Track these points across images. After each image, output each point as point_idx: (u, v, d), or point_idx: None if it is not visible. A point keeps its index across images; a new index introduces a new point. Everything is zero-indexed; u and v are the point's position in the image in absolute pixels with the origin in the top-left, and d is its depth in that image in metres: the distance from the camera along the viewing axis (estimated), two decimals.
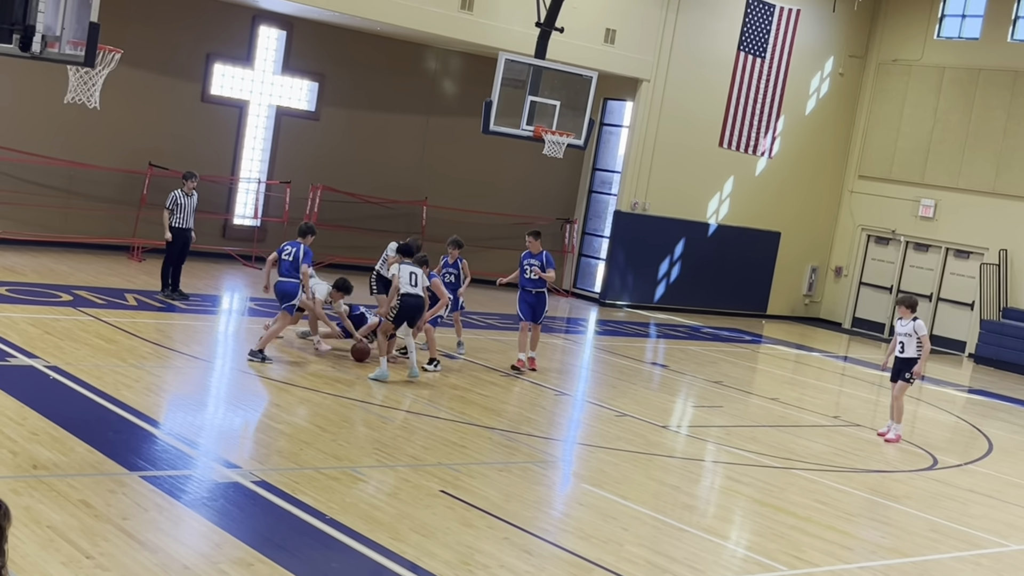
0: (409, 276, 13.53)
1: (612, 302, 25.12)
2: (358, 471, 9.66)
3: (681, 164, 25.23)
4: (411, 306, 13.51)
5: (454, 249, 15.68)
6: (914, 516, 10.99)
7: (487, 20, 21.69)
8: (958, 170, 26.16)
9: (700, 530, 9.47)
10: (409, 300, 13.48)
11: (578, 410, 14.10)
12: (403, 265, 13.70)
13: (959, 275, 26.31)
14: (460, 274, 15.73)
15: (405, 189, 24.36)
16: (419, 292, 13.48)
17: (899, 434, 14.52)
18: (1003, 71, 25.57)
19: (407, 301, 13.47)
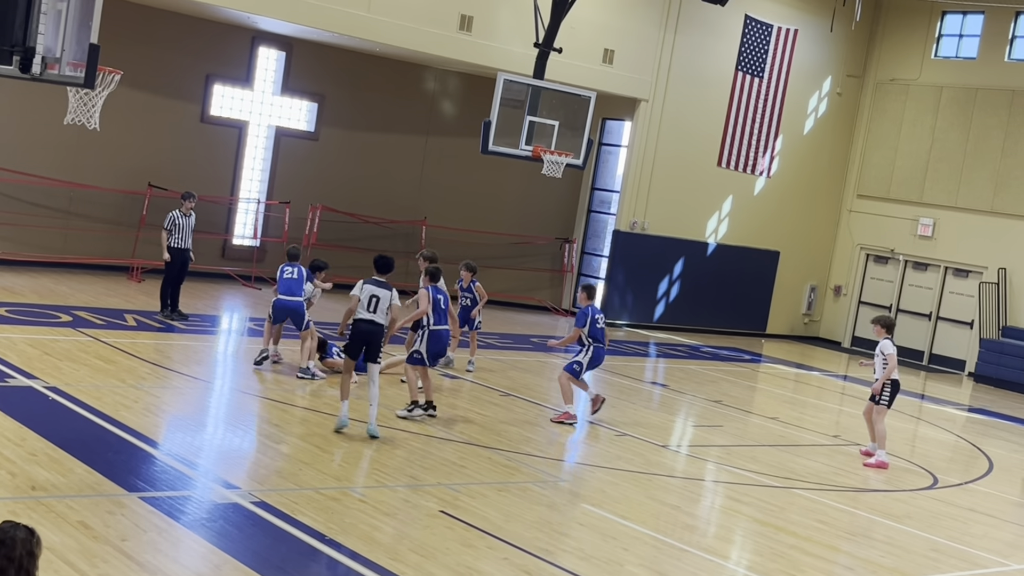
0: (369, 299, 11.60)
1: (612, 321, 25.08)
2: (357, 491, 9.64)
3: (680, 183, 25.26)
4: (363, 332, 11.59)
5: (467, 272, 15.74)
6: (915, 536, 10.95)
7: (486, 41, 21.76)
8: (956, 189, 26.21)
9: (701, 550, 9.44)
10: (361, 326, 11.59)
11: (578, 430, 14.06)
12: (367, 284, 11.70)
13: (958, 294, 26.32)
14: (475, 297, 15.88)
15: (404, 209, 24.39)
16: (375, 319, 11.54)
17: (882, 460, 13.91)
18: (1000, 90, 25.64)
19: (358, 327, 11.60)
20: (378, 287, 11.64)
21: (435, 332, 12.60)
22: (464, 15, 21.47)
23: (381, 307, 11.57)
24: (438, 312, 12.65)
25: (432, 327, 12.58)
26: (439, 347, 12.70)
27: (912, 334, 26.95)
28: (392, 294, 11.66)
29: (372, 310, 11.55)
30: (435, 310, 12.59)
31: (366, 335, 11.56)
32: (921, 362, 26.60)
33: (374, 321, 11.54)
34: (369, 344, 11.58)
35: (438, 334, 12.66)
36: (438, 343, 12.67)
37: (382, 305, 11.57)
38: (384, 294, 11.60)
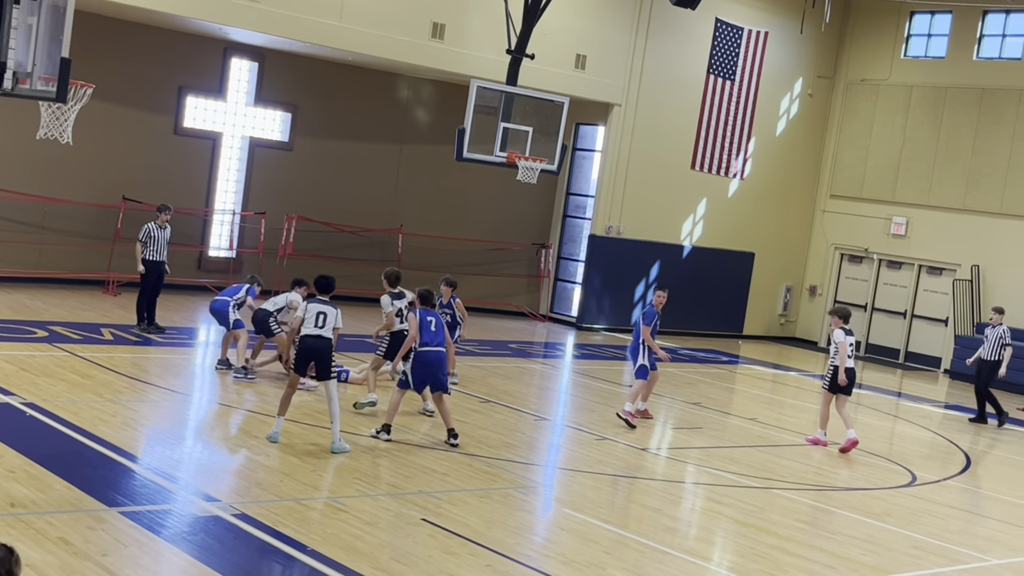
0: (316, 316, 11.44)
1: (589, 326, 25.17)
2: (339, 501, 9.62)
3: (654, 187, 25.36)
4: (310, 347, 11.42)
5: (447, 288, 15.26)
6: (895, 533, 11.02)
7: (458, 48, 21.79)
8: (928, 187, 26.41)
9: (683, 552, 9.48)
10: (308, 341, 11.43)
11: (558, 435, 14.09)
12: (312, 303, 11.60)
13: (932, 292, 26.52)
14: (455, 313, 15.26)
15: (380, 217, 24.38)
16: (323, 333, 11.39)
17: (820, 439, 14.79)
18: (970, 89, 25.86)
19: (305, 342, 11.45)
20: (324, 305, 11.53)
21: (420, 354, 12.15)
22: (436, 23, 21.50)
23: (329, 323, 11.43)
24: (427, 334, 12.22)
25: (418, 349, 12.18)
26: (426, 371, 12.20)
27: (887, 332, 27.13)
28: (338, 313, 11.51)
29: (320, 325, 11.39)
30: (424, 332, 12.21)
31: (314, 351, 11.40)
32: (897, 360, 26.77)
33: (321, 336, 11.37)
34: (318, 360, 11.42)
35: (424, 357, 12.17)
36: (425, 367, 12.19)
37: (329, 321, 11.44)
38: (331, 311, 11.47)
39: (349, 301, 23.00)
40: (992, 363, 18.64)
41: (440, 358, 12.23)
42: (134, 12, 19.31)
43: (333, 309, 11.52)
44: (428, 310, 12.37)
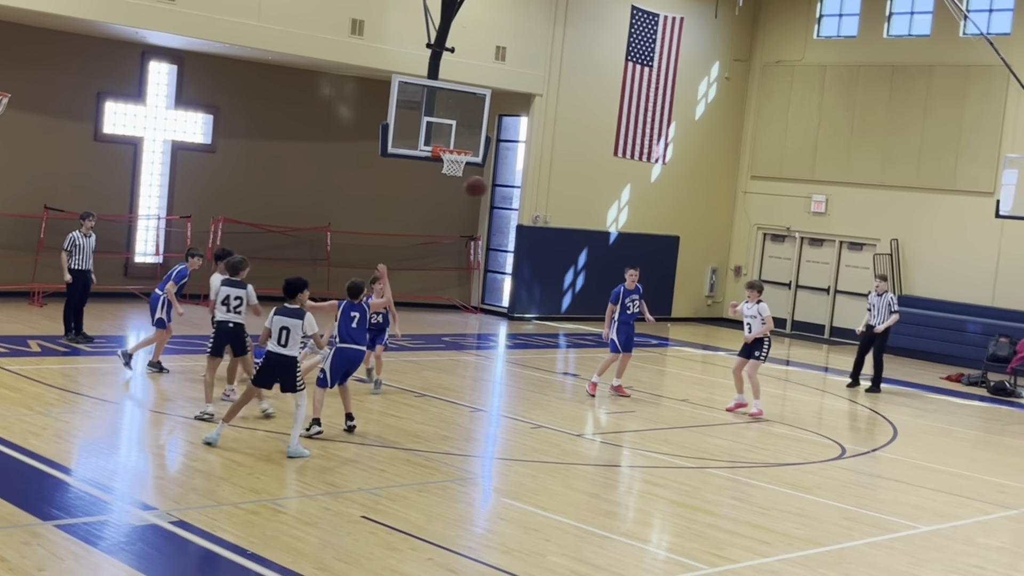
0: (280, 332, 11.11)
1: (520, 315, 25.32)
2: (277, 503, 9.64)
3: (579, 175, 25.56)
4: (272, 363, 11.23)
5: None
6: (827, 506, 11.28)
7: (378, 44, 21.77)
8: (846, 165, 26.93)
9: (621, 535, 9.63)
10: (270, 357, 11.23)
11: (494, 425, 14.20)
12: (276, 315, 11.24)
13: (854, 267, 27.05)
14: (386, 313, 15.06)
15: (308, 216, 24.29)
16: (285, 352, 11.08)
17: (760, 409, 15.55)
18: (881, 66, 26.39)
19: (268, 357, 11.24)
20: (287, 316, 11.13)
21: (340, 350, 12.15)
22: (355, 19, 21.46)
23: (292, 338, 11.05)
24: (347, 330, 12.19)
25: (339, 344, 12.18)
26: (346, 366, 12.21)
27: (812, 309, 27.63)
28: (302, 322, 11.11)
29: (283, 343, 11.08)
30: (345, 328, 12.19)
31: (276, 367, 11.17)
32: (822, 335, 27.28)
33: (282, 354, 11.09)
34: (282, 378, 11.18)
35: (343, 352, 12.17)
36: (344, 362, 12.18)
37: (293, 335, 11.06)
38: (294, 324, 11.07)
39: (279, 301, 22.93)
40: (882, 330, 19.18)
41: (360, 357, 12.38)
42: (48, 19, 19.04)
43: (297, 320, 11.09)
44: (354, 304, 12.26)
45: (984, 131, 24.82)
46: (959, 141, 25.19)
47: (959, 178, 25.19)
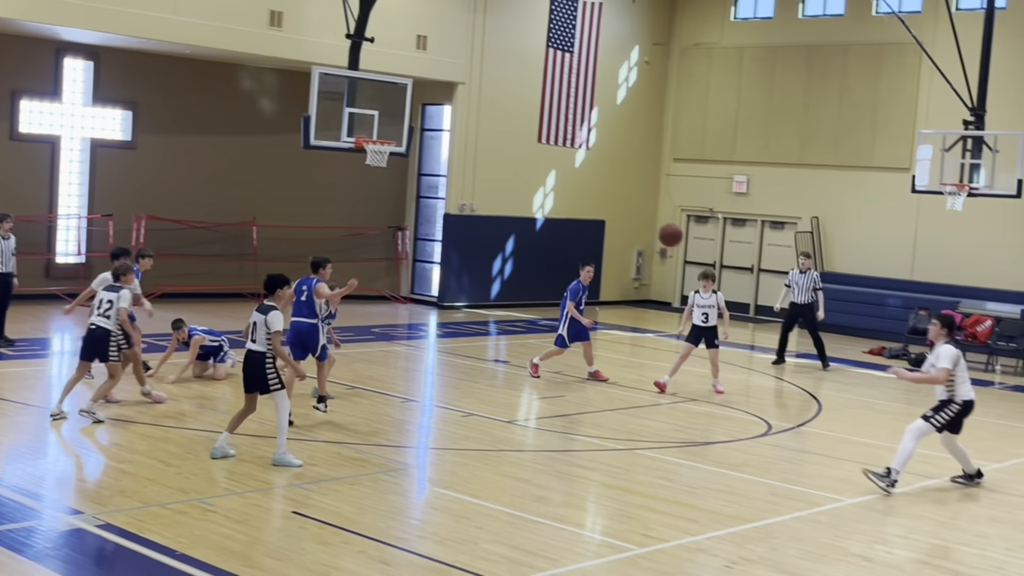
0: (251, 326, 10.91)
1: (450, 304, 25.36)
2: (206, 502, 9.59)
3: (503, 162, 25.63)
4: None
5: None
6: (754, 482, 11.48)
7: (297, 35, 21.62)
8: (765, 145, 27.30)
9: (553, 520, 9.71)
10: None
11: (425, 415, 14.24)
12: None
13: (776, 245, 27.46)
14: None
15: (232, 211, 24.07)
16: (254, 347, 10.83)
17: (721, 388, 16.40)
18: (797, 47, 26.78)
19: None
20: (257, 311, 10.85)
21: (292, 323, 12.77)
22: (273, 11, 21.30)
23: (257, 333, 10.80)
24: (297, 304, 12.73)
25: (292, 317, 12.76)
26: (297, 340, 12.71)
27: (737, 288, 28.00)
28: (267, 317, 10.74)
29: (252, 339, 10.86)
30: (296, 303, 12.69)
31: (246, 365, 10.94)
32: (748, 314, 27.66)
33: (251, 350, 10.83)
34: (249, 376, 10.89)
35: (294, 327, 12.76)
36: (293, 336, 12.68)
37: (258, 331, 10.79)
38: (259, 319, 10.77)
39: (206, 298, 22.76)
40: (805, 307, 19.53)
41: (307, 328, 12.76)
42: None
43: (261, 315, 10.78)
44: (306, 279, 12.86)
45: (899, 108, 25.30)
46: (875, 119, 25.66)
47: (876, 155, 25.67)
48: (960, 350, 11.59)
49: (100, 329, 12.14)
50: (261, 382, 10.80)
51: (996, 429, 15.65)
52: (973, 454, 13.35)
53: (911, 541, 9.78)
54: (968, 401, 11.48)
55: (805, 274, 19.67)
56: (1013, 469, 12.90)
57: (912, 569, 9.03)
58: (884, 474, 11.31)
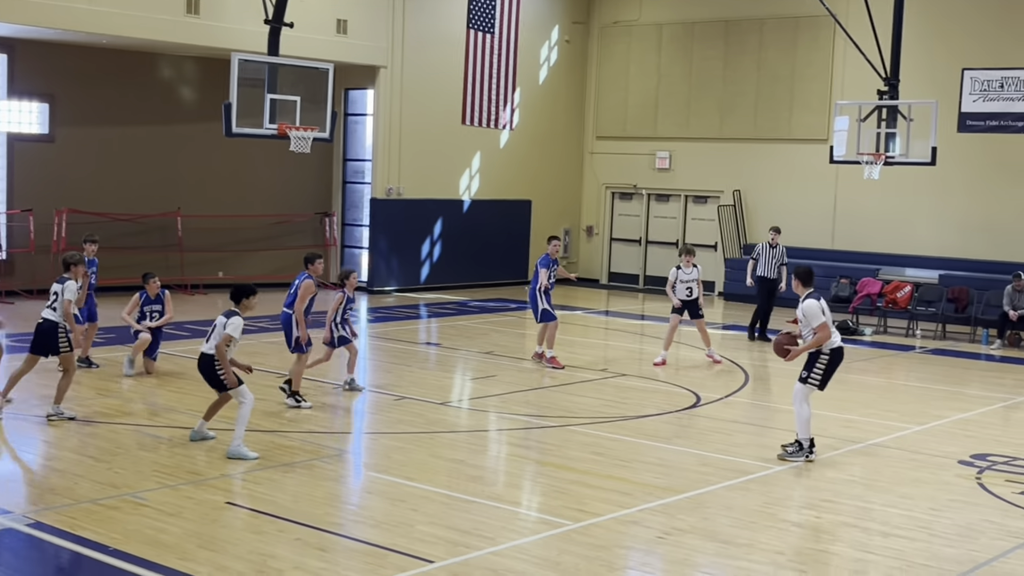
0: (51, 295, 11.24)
1: (380, 289, 25.32)
2: (138, 496, 9.53)
3: (428, 145, 25.61)
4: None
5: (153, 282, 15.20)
6: (685, 453, 11.67)
7: (215, 22, 21.39)
8: (686, 120, 27.58)
9: (488, 499, 9.80)
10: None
11: (359, 400, 14.23)
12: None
13: (700, 219, 27.80)
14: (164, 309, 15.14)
15: (156, 202, 23.78)
16: (204, 349, 11.01)
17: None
18: (715, 22, 27.07)
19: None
20: (222, 316, 10.98)
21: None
22: None
23: (214, 335, 10.91)
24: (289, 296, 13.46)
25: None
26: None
27: (663, 263, 28.27)
28: (228, 321, 10.86)
29: (207, 339, 11.04)
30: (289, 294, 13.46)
31: (199, 366, 11.09)
32: None
33: (203, 352, 10.98)
34: (207, 378, 11.03)
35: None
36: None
37: (215, 333, 10.91)
38: (220, 321, 10.92)
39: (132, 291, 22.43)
40: (773, 281, 19.70)
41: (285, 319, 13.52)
42: None
43: (222, 318, 10.89)
44: (301, 272, 13.43)
45: (815, 80, 25.69)
46: (792, 91, 26.03)
47: (794, 127, 26.06)
48: (821, 299, 11.55)
49: (47, 322, 11.91)
50: (217, 382, 10.97)
51: (917, 392, 16.07)
52: (895, 417, 13.74)
53: (838, 504, 10.01)
54: (836, 349, 11.49)
55: (775, 248, 19.73)
56: (934, 430, 13.25)
57: (840, 532, 9.26)
58: (796, 448, 11.51)
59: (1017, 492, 10.57)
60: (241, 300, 11.05)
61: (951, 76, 22.92)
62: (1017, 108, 22.14)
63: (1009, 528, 9.46)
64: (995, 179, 23.68)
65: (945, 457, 11.88)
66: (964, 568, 8.41)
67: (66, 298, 11.91)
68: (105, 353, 15.82)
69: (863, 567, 8.43)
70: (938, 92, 22.03)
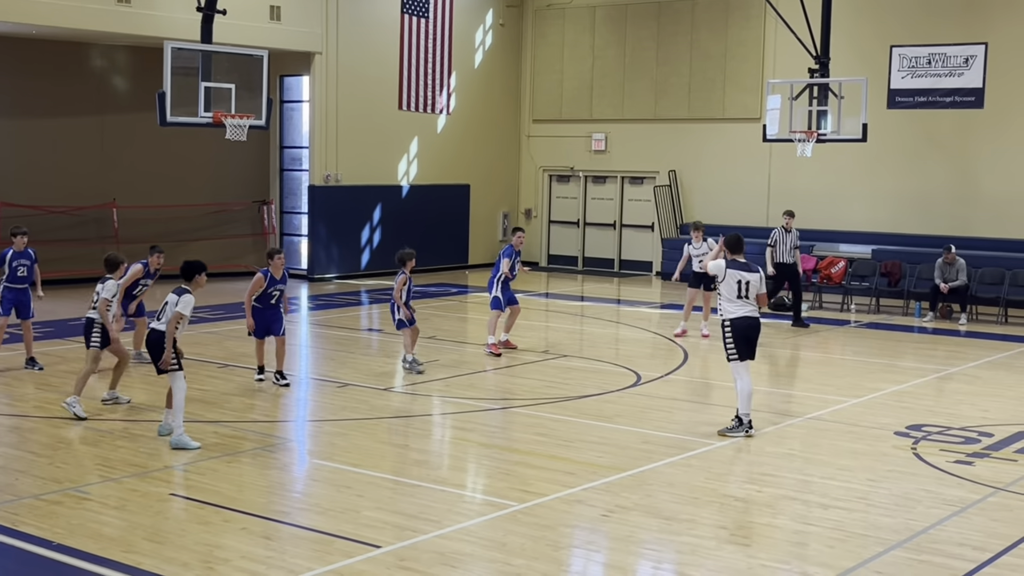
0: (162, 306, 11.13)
1: (321, 276, 25.23)
2: (81, 490, 9.47)
3: (366, 131, 25.53)
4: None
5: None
6: (626, 432, 11.81)
7: (147, 10, 21.15)
8: (621, 102, 27.74)
9: (433, 483, 9.86)
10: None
11: (302, 389, 14.21)
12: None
13: (637, 200, 28.00)
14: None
15: (91, 194, 23.49)
16: (156, 326, 10.99)
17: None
18: (648, 3, 27.23)
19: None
20: (172, 293, 11.01)
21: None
22: None
23: (165, 312, 10.92)
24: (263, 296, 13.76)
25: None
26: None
27: (601, 244, 28.52)
28: (180, 299, 10.88)
29: (159, 316, 11.02)
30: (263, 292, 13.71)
31: (147, 342, 11.13)
32: (613, 269, 28.19)
33: (154, 328, 11.00)
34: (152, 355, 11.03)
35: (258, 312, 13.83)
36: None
37: (167, 310, 10.91)
38: (172, 299, 10.92)
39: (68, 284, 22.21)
40: (789, 266, 19.49)
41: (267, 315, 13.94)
42: None
43: (175, 296, 10.94)
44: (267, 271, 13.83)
45: (747, 60, 25.96)
46: (725, 71, 26.28)
47: (728, 107, 26.32)
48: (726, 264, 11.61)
49: (86, 319, 12.32)
50: (155, 359, 10.96)
51: (852, 366, 16.37)
52: (831, 391, 14.01)
53: (779, 478, 10.19)
54: (736, 319, 11.55)
55: (790, 233, 19.51)
56: (870, 403, 13.51)
57: (781, 505, 9.43)
58: (736, 424, 11.70)
59: (952, 461, 10.84)
60: (193, 277, 11.09)
61: (880, 53, 23.28)
62: (944, 84, 22.57)
63: (944, 496, 9.70)
64: (925, 154, 24.11)
65: (881, 429, 12.13)
66: (902, 537, 8.62)
67: (103, 296, 12.12)
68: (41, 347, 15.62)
69: (804, 539, 8.61)
70: (867, 69, 22.36)
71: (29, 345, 14.59)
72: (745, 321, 11.56)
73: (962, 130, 23.54)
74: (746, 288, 11.56)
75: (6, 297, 14.37)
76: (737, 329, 11.53)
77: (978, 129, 23.34)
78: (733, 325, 11.54)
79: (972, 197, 23.66)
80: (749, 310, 11.58)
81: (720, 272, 11.60)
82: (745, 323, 11.56)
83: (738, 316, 11.54)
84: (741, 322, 11.54)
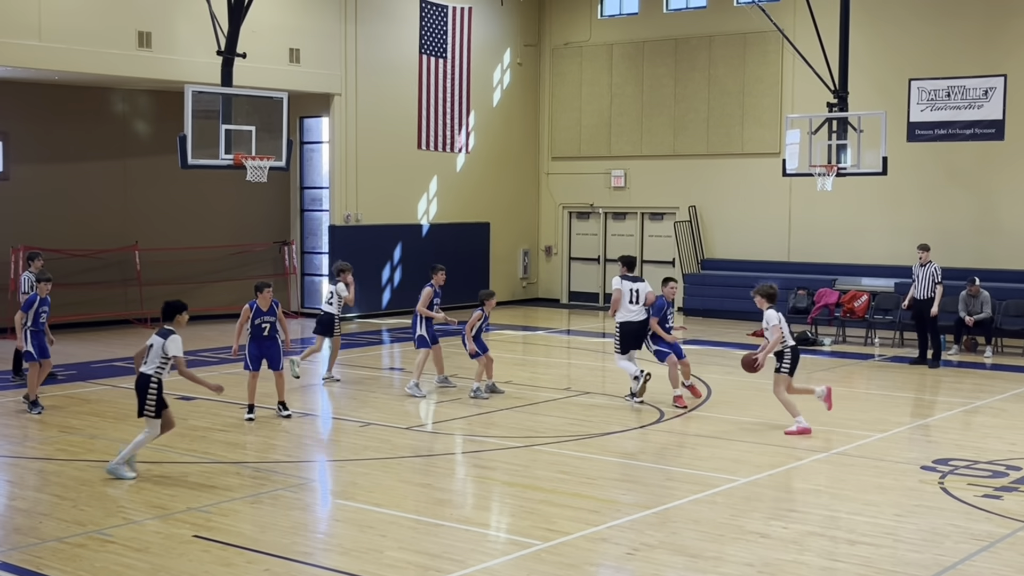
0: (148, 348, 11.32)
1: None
2: (105, 533, 9.47)
3: (385, 171, 25.65)
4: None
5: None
6: (650, 469, 11.74)
7: (168, 55, 21.36)
8: (640, 138, 27.80)
9: (456, 522, 9.81)
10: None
11: (323, 428, 14.21)
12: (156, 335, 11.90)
13: (657, 236, 27.99)
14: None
15: (113, 237, 23.64)
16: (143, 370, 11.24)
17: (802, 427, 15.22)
18: (664, 40, 27.34)
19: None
20: (155, 335, 11.21)
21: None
22: (141, 32, 21.00)
23: (151, 356, 11.11)
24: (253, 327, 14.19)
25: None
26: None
27: None
28: (165, 341, 11.07)
29: (145, 360, 11.20)
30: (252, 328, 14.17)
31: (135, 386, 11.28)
32: None
33: (141, 372, 11.18)
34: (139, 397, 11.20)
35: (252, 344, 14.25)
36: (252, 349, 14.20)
37: (152, 354, 11.10)
38: (157, 341, 11.12)
39: (92, 327, 22.32)
40: (925, 301, 19.05)
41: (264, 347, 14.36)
42: None
43: (159, 339, 11.11)
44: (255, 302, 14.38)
45: (765, 95, 26.00)
46: (743, 106, 26.32)
47: (746, 142, 26.34)
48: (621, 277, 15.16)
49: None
50: (140, 404, 11.12)
51: (878, 400, 16.24)
52: (857, 425, 13.92)
53: (804, 514, 10.09)
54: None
55: (925, 267, 19.14)
56: (896, 437, 13.40)
57: (807, 542, 9.33)
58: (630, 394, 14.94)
59: (979, 495, 10.72)
60: (175, 316, 11.32)
61: (898, 87, 23.26)
62: (964, 116, 22.50)
63: (973, 531, 9.58)
64: (946, 187, 24.04)
65: (908, 463, 12.02)
66: (930, 572, 8.52)
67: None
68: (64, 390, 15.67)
69: (831, 575, 8.51)
70: (886, 103, 22.35)
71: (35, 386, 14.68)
72: (631, 325, 15.08)
73: (983, 162, 23.47)
74: (636, 295, 14.99)
75: (35, 343, 14.56)
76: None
77: (999, 161, 23.26)
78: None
79: (994, 229, 23.55)
80: (635, 313, 15.03)
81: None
82: (632, 327, 15.08)
83: (628, 320, 14.98)
84: (629, 326, 15.04)
